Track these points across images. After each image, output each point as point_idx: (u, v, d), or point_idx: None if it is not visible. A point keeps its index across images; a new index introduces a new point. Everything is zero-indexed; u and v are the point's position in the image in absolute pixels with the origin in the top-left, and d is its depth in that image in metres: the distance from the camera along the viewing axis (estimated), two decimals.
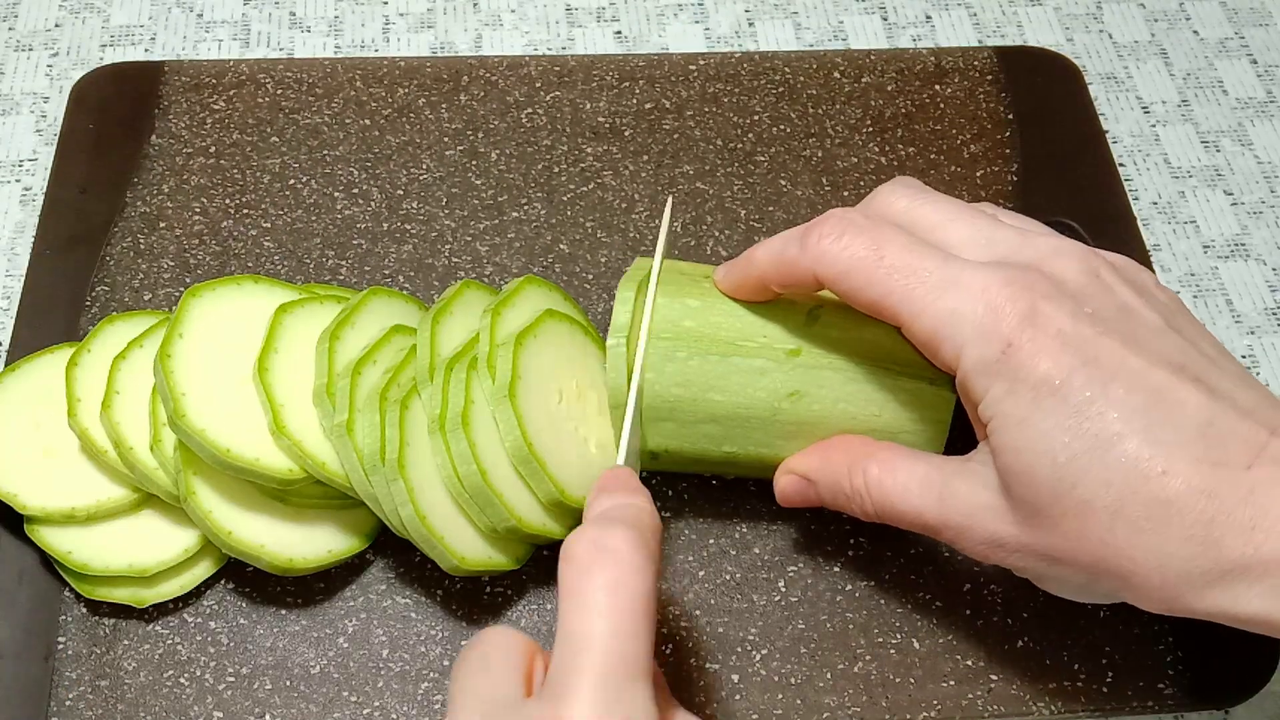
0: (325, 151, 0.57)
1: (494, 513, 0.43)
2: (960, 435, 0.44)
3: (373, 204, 0.55)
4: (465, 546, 0.43)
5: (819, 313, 0.44)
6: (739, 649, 0.46)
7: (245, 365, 0.45)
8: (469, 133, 0.58)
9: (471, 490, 0.42)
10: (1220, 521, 0.34)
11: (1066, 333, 0.37)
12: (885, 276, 0.39)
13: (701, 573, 0.47)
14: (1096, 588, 0.38)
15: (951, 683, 0.45)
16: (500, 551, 0.44)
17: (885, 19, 0.68)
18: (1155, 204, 0.62)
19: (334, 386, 0.43)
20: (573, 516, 0.45)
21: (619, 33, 0.66)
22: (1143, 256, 0.56)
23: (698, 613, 0.46)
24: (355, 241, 0.54)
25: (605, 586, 0.34)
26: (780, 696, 0.45)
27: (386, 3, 0.67)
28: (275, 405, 0.43)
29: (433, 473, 0.43)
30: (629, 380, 0.43)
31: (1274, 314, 0.59)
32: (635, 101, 0.59)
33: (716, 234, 0.55)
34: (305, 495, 0.44)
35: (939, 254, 0.39)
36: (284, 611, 0.46)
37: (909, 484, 0.41)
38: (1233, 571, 0.34)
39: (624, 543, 0.35)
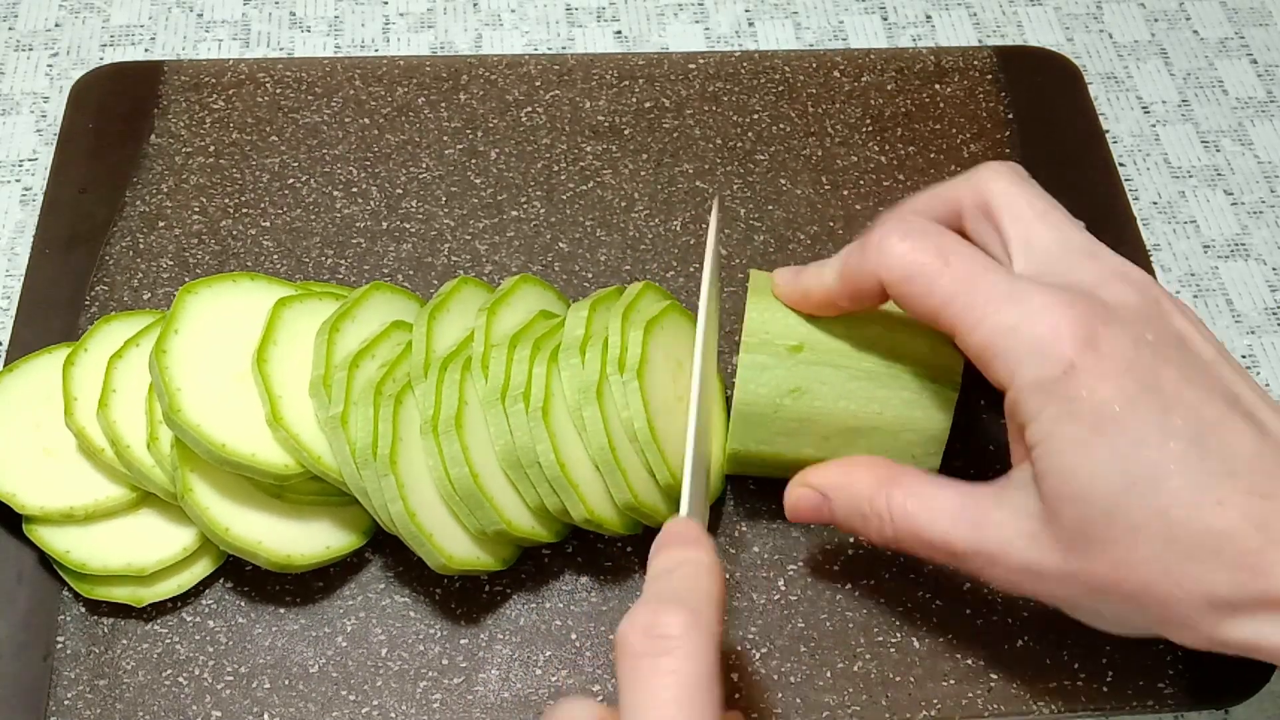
0: (324, 151, 0.57)
1: (484, 515, 0.43)
2: (958, 436, 0.44)
3: (372, 203, 0.55)
4: (453, 545, 0.43)
5: None
6: (738, 648, 0.45)
7: (241, 361, 0.45)
8: (468, 132, 0.58)
9: (462, 492, 0.42)
10: (1269, 553, 0.34)
11: (1129, 359, 0.36)
12: (949, 285, 0.38)
13: None
14: (1136, 619, 0.38)
15: (951, 682, 0.45)
16: (488, 552, 0.44)
17: (885, 19, 0.68)
18: (1155, 204, 0.62)
19: (331, 378, 0.43)
20: (560, 523, 0.45)
21: (619, 32, 0.66)
22: (1143, 257, 0.56)
23: None
24: (354, 240, 0.54)
25: (661, 677, 0.33)
26: (780, 695, 0.45)
27: (386, 2, 0.67)
28: (273, 396, 0.43)
29: (424, 470, 0.43)
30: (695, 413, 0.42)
31: (1274, 314, 0.59)
32: (635, 101, 0.59)
33: None
34: (302, 492, 0.44)
35: (1003, 269, 0.39)
36: (282, 610, 0.46)
37: (938, 512, 0.40)
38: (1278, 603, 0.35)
39: (678, 626, 0.34)
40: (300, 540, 0.44)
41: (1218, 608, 0.35)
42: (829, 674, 0.45)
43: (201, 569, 0.46)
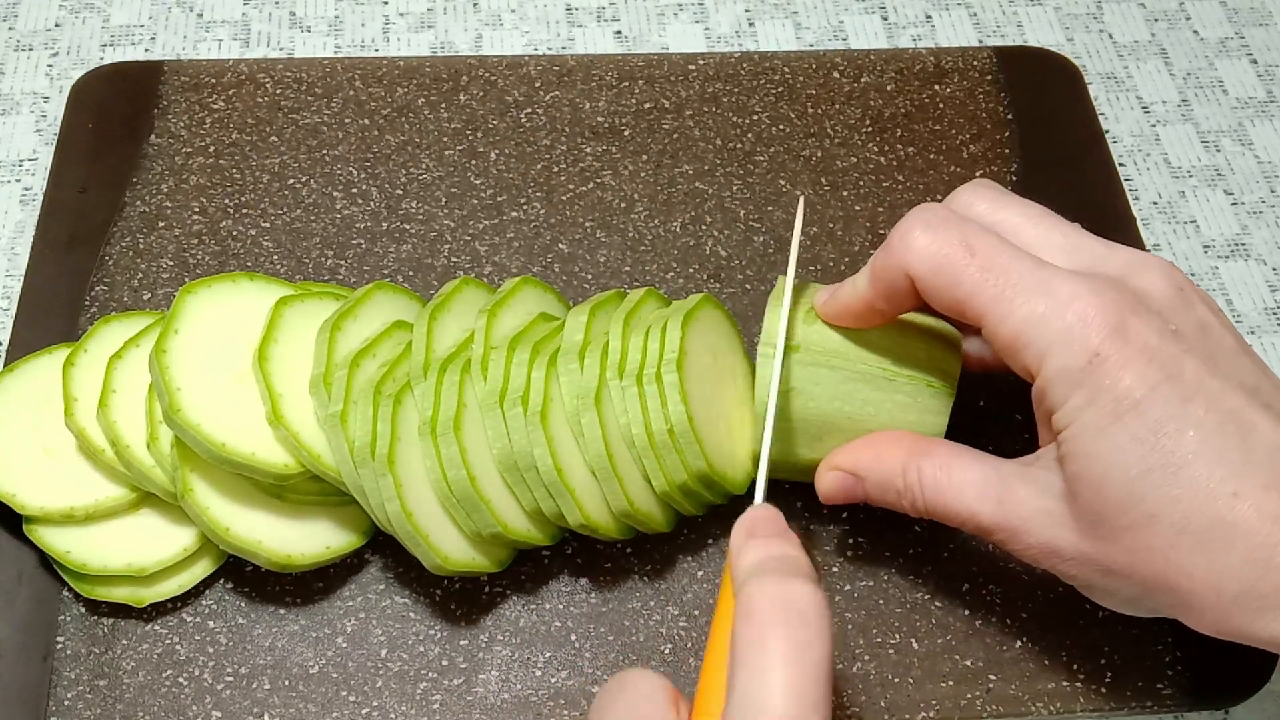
0: (324, 151, 0.57)
1: (480, 518, 0.43)
2: (958, 437, 0.44)
3: (372, 204, 0.55)
4: (449, 546, 0.43)
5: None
6: None
7: (240, 361, 0.45)
8: (468, 132, 0.58)
9: (459, 495, 0.42)
10: None
11: (1153, 348, 0.37)
12: (977, 275, 0.38)
13: (700, 572, 0.47)
14: (1148, 602, 0.38)
15: (950, 683, 0.45)
16: (483, 554, 0.44)
17: (885, 19, 0.68)
18: (1155, 204, 0.62)
19: (331, 377, 0.43)
20: (556, 526, 0.45)
21: (619, 32, 0.66)
22: None
23: (696, 613, 0.46)
24: (354, 241, 0.54)
25: (788, 652, 0.32)
26: None
27: (386, 3, 0.67)
28: (274, 395, 0.43)
29: (421, 471, 0.43)
30: (765, 409, 0.42)
31: (1274, 314, 0.59)
32: (635, 101, 0.59)
33: (715, 234, 0.55)
34: (301, 492, 0.44)
35: (1030, 258, 0.39)
36: (282, 611, 0.46)
37: (964, 484, 0.40)
38: None
39: (810, 602, 0.33)
40: (300, 540, 0.44)
41: (1228, 600, 0.35)
42: None
43: (202, 569, 0.46)
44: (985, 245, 0.39)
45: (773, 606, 0.33)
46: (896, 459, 0.42)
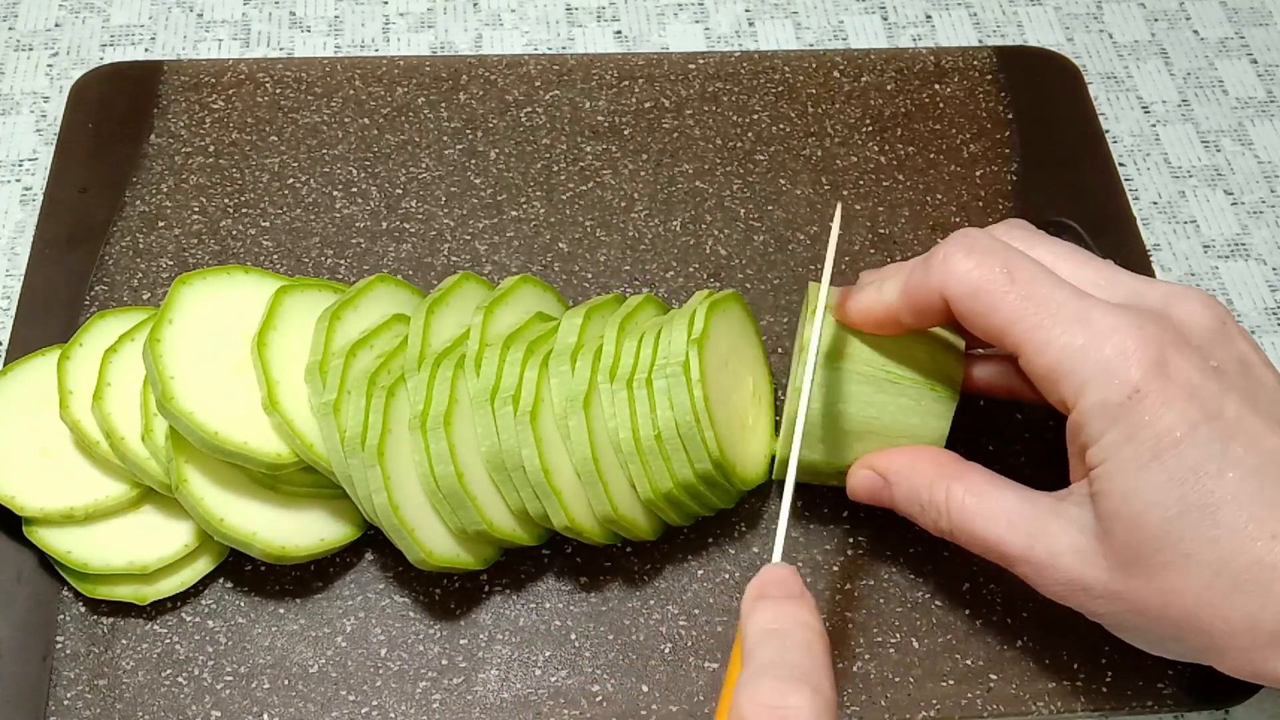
0: (324, 150, 0.57)
1: (466, 515, 0.43)
2: (960, 441, 0.44)
3: (371, 203, 0.55)
4: (434, 542, 0.43)
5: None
6: None
7: (234, 352, 0.45)
8: (468, 132, 0.58)
9: (446, 491, 0.42)
10: None
11: (1194, 385, 0.36)
12: (1016, 303, 0.38)
13: (700, 571, 0.47)
14: (1177, 645, 0.38)
15: (951, 682, 0.45)
16: (468, 551, 0.44)
17: (885, 19, 0.68)
18: (1155, 204, 0.62)
19: (327, 365, 0.43)
20: (541, 527, 0.45)
21: (619, 32, 0.66)
22: (1142, 256, 0.56)
23: (696, 612, 0.46)
24: (354, 240, 0.54)
25: None
26: None
27: (386, 2, 0.67)
28: (271, 381, 0.43)
29: (410, 464, 0.43)
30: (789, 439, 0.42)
31: (1274, 314, 0.59)
32: (635, 101, 0.59)
33: (716, 233, 0.55)
34: (295, 483, 0.44)
35: (1070, 288, 0.38)
36: (282, 610, 0.46)
37: (995, 513, 0.40)
38: None
39: (807, 712, 0.32)
40: (295, 532, 0.44)
41: (1264, 642, 0.35)
42: None
43: (203, 565, 0.46)
44: (1026, 274, 0.38)
45: (764, 717, 0.32)
46: (928, 474, 0.42)
